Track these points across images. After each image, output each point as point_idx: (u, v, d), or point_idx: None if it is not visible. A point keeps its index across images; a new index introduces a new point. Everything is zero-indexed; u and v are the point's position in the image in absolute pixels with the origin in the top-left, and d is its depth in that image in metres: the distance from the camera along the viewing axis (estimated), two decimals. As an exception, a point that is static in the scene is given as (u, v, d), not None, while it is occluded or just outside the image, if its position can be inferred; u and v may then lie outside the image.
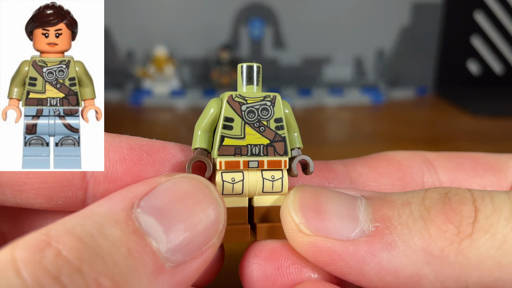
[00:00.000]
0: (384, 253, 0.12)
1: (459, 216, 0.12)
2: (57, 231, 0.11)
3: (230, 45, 0.77)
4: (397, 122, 0.64)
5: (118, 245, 0.11)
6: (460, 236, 0.12)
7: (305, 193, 0.14)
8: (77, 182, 0.14)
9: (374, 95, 0.72)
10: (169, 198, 0.12)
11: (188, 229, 0.12)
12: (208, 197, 0.13)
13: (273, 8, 0.77)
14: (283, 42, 0.79)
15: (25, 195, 0.14)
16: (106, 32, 0.77)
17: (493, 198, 0.12)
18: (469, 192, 0.13)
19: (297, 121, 0.16)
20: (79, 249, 0.10)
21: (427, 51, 0.80)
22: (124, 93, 0.73)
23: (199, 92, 0.72)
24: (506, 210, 0.12)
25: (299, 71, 0.80)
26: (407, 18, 0.78)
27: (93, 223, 0.11)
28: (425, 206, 0.13)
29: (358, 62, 0.80)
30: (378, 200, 0.13)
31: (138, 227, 0.12)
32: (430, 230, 0.12)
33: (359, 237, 0.13)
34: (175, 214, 0.12)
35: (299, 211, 0.14)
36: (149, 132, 0.61)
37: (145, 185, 0.13)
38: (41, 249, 0.10)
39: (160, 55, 0.73)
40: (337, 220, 0.13)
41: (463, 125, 0.62)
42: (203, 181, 0.13)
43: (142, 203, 0.12)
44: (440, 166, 0.17)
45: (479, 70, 0.80)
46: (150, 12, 0.76)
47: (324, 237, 0.13)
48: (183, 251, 0.12)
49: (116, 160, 0.14)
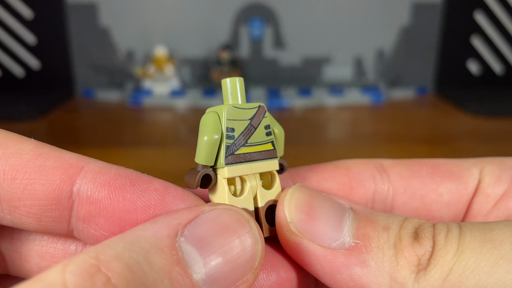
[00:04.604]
0: (357, 268, 0.14)
1: (423, 250, 0.14)
2: (106, 256, 0.11)
3: (230, 45, 0.77)
4: (397, 122, 0.64)
5: (162, 275, 0.11)
6: (419, 267, 0.13)
7: (302, 194, 0.15)
8: (65, 201, 0.14)
9: (374, 95, 0.72)
10: (211, 230, 0.13)
11: (226, 264, 0.13)
12: (249, 233, 0.13)
13: (273, 8, 0.77)
14: (283, 42, 0.79)
15: (18, 212, 0.14)
16: (106, 32, 0.77)
17: (447, 233, 0.14)
18: (432, 227, 0.14)
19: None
20: (127, 277, 0.11)
21: (427, 51, 0.80)
22: (124, 93, 0.73)
23: (199, 92, 0.72)
24: (454, 244, 0.13)
25: (299, 71, 0.80)
26: (407, 18, 0.78)
27: (140, 249, 0.11)
28: (400, 236, 0.14)
29: (358, 62, 0.80)
30: (364, 218, 0.15)
31: (181, 257, 0.12)
32: (399, 259, 0.14)
33: (339, 248, 0.14)
34: (216, 247, 0.13)
35: (293, 211, 0.15)
36: (149, 132, 0.61)
37: (189, 212, 0.13)
38: (92, 275, 0.10)
39: (160, 55, 0.73)
40: (324, 227, 0.14)
41: (463, 125, 0.62)
42: (245, 216, 0.14)
43: (185, 231, 0.13)
44: (394, 174, 0.18)
45: (479, 70, 0.80)
46: (150, 12, 0.76)
47: (309, 240, 0.14)
48: (218, 284, 0.12)
49: (101, 184, 0.14)
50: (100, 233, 0.14)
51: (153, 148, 0.53)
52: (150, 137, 0.59)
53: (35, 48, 0.76)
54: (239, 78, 0.16)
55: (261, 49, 0.79)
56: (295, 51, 0.79)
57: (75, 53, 0.77)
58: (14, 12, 0.74)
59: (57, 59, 0.77)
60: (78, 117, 0.69)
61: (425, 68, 0.80)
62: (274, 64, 0.79)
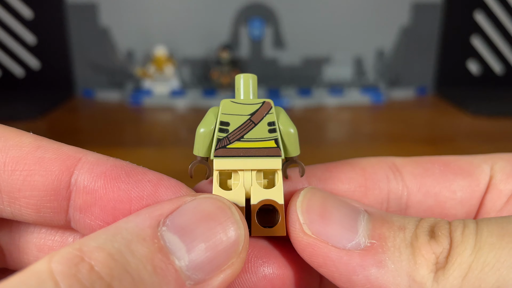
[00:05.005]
0: (374, 268, 0.13)
1: (441, 248, 0.13)
2: (89, 247, 0.11)
3: (230, 45, 0.77)
4: (397, 122, 0.64)
5: (145, 262, 0.12)
6: (437, 266, 0.13)
7: (315, 196, 0.15)
8: (63, 192, 0.15)
9: (374, 95, 0.72)
10: (193, 218, 0.13)
11: (209, 249, 0.13)
12: (230, 218, 0.14)
13: (273, 8, 0.77)
14: (283, 42, 0.79)
15: (17, 203, 0.15)
16: (106, 32, 0.77)
17: (464, 229, 0.13)
18: (448, 223, 0.14)
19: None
20: (109, 265, 0.11)
21: (427, 51, 0.80)
22: (124, 93, 0.73)
23: (199, 92, 0.72)
24: (471, 240, 0.13)
25: (299, 71, 0.80)
26: (407, 18, 0.78)
27: (122, 239, 0.12)
28: (416, 234, 0.14)
29: (358, 62, 0.80)
30: (379, 219, 0.14)
31: (163, 245, 0.12)
32: (417, 258, 0.13)
33: (354, 249, 0.14)
34: (197, 234, 0.13)
35: (305, 212, 0.15)
36: (149, 132, 0.61)
37: (171, 204, 0.14)
38: (76, 263, 0.11)
39: (160, 55, 0.73)
40: (338, 228, 0.14)
41: (463, 125, 0.62)
42: (226, 203, 0.14)
43: (167, 221, 0.13)
44: (407, 173, 0.18)
45: (479, 70, 0.80)
46: (150, 12, 0.76)
47: (323, 241, 0.14)
48: (203, 270, 0.13)
49: (97, 174, 0.15)
50: (95, 222, 0.15)
51: (153, 148, 0.53)
52: (150, 137, 0.59)
53: (35, 48, 0.76)
54: (252, 75, 0.16)
55: (261, 49, 0.79)
56: (295, 51, 0.79)
57: (75, 53, 0.77)
58: (14, 12, 0.74)
59: (57, 59, 0.77)
60: (78, 117, 0.69)
61: (425, 68, 0.80)
62: (274, 64, 0.79)
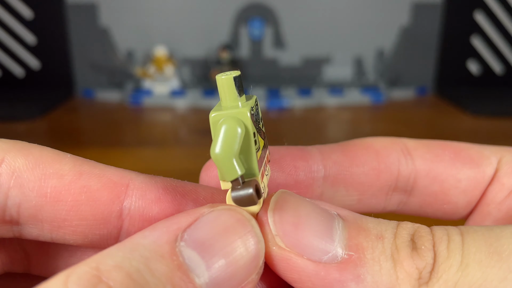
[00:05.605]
0: (352, 283, 0.13)
1: (424, 262, 0.12)
2: (107, 266, 0.11)
3: (230, 45, 0.77)
4: (397, 122, 0.64)
5: (164, 282, 0.11)
6: (420, 282, 0.12)
7: (287, 203, 0.14)
8: (114, 220, 0.14)
9: (374, 95, 0.72)
10: (212, 232, 0.12)
11: (229, 265, 0.12)
12: (250, 232, 0.13)
13: (273, 8, 0.77)
14: (283, 42, 0.79)
15: (62, 231, 0.14)
16: (106, 32, 0.77)
17: (449, 243, 0.13)
18: (431, 234, 0.13)
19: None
20: (128, 286, 0.11)
21: (427, 51, 0.80)
22: (124, 93, 0.73)
23: (199, 92, 0.72)
24: (458, 256, 0.12)
25: (299, 71, 0.80)
26: (407, 18, 0.78)
27: (140, 257, 0.11)
28: (396, 245, 0.13)
29: (358, 62, 0.80)
30: (354, 226, 0.13)
31: (182, 262, 0.12)
32: (398, 272, 0.12)
33: (331, 262, 0.13)
34: (217, 249, 0.12)
35: (278, 223, 0.13)
36: (149, 132, 0.61)
37: (188, 216, 0.13)
38: (94, 284, 0.10)
39: (160, 55, 0.73)
40: (313, 238, 0.13)
41: (463, 125, 0.62)
42: (245, 215, 0.13)
43: (185, 235, 0.12)
44: (418, 156, 0.17)
45: (479, 70, 0.80)
46: (150, 12, 0.76)
47: (298, 254, 0.13)
48: (223, 287, 0.12)
49: (152, 200, 0.14)
50: None
51: (153, 148, 0.53)
52: (150, 137, 0.59)
53: (35, 48, 0.76)
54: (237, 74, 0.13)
55: (261, 49, 0.79)
56: (295, 51, 0.79)
57: (75, 53, 0.77)
58: (14, 12, 0.74)
59: (57, 59, 0.77)
60: (78, 117, 0.69)
61: (425, 68, 0.80)
62: (274, 64, 0.79)
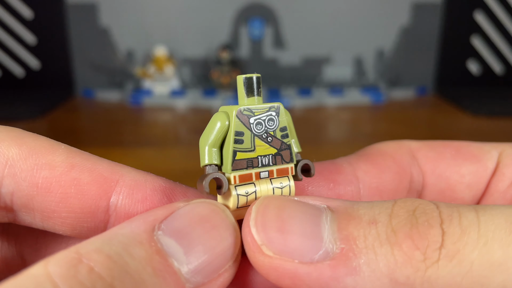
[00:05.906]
0: (349, 278, 0.12)
1: (426, 241, 0.11)
2: (87, 250, 0.11)
3: (230, 45, 0.77)
4: (397, 122, 0.64)
5: (144, 264, 0.11)
6: (426, 263, 0.11)
7: (268, 209, 0.13)
8: (101, 215, 0.14)
9: (374, 95, 0.72)
10: (188, 222, 0.13)
11: (206, 251, 0.13)
12: (225, 221, 0.13)
13: (273, 8, 0.77)
14: (283, 42, 0.79)
15: (52, 221, 0.15)
16: (106, 32, 0.77)
17: (461, 219, 0.12)
18: (437, 210, 0.12)
19: (297, 121, 0.16)
20: (109, 266, 0.11)
21: (427, 51, 0.80)
22: (124, 93, 0.73)
23: (199, 92, 0.72)
24: (474, 233, 0.11)
25: (299, 71, 0.80)
26: (407, 18, 0.78)
27: (119, 243, 0.12)
28: (392, 227, 0.12)
29: (358, 62, 0.80)
30: (344, 215, 0.13)
31: (160, 248, 0.12)
32: (396, 256, 0.11)
33: (323, 260, 0.12)
34: (194, 237, 0.13)
35: (261, 231, 0.13)
36: (149, 132, 0.61)
37: (164, 209, 0.13)
38: (74, 265, 0.11)
39: (160, 55, 0.73)
40: (300, 239, 0.12)
41: (463, 125, 0.62)
42: (219, 206, 0.14)
43: (162, 225, 0.13)
44: (422, 156, 0.18)
45: (479, 70, 0.80)
46: (150, 12, 0.76)
47: (287, 259, 0.12)
48: (202, 272, 0.12)
49: (139, 200, 0.15)
50: None
51: (153, 148, 0.53)
52: (150, 137, 0.59)
53: (35, 48, 0.76)
54: (256, 75, 0.15)
55: (261, 49, 0.79)
56: (295, 51, 0.79)
57: (75, 53, 0.77)
58: (14, 12, 0.74)
59: (57, 59, 0.77)
60: (78, 117, 0.69)
61: (425, 68, 0.80)
62: (274, 64, 0.79)
